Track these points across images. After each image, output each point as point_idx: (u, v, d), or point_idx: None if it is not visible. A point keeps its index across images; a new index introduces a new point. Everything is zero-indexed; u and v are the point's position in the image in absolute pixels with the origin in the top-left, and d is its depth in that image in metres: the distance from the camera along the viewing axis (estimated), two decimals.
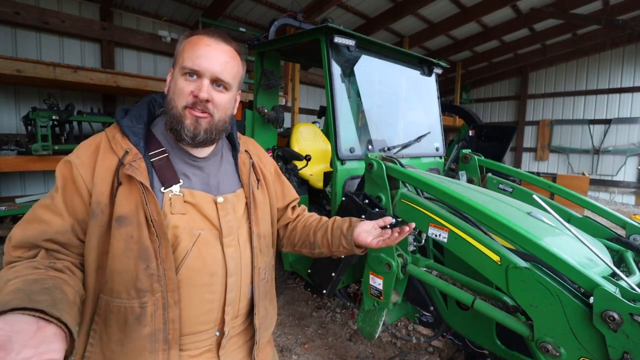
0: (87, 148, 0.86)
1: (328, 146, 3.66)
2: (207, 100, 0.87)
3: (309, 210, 1.32)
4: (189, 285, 0.87)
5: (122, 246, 0.80)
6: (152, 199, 0.82)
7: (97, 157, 0.84)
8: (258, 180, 1.06)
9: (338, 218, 1.16)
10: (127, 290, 0.81)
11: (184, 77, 0.86)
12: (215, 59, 0.87)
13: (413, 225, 1.01)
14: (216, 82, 0.88)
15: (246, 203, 1.00)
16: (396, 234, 0.98)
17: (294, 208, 1.25)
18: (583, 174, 10.05)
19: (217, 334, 0.93)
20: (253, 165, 1.06)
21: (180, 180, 0.88)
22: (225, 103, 0.91)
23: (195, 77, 0.86)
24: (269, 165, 1.15)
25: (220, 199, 0.93)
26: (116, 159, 0.83)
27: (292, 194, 1.23)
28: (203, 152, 0.96)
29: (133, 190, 0.82)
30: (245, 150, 1.07)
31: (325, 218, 1.21)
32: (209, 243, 0.89)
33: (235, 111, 0.99)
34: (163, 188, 0.86)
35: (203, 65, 0.85)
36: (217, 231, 0.92)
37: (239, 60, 0.94)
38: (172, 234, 0.85)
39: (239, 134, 1.10)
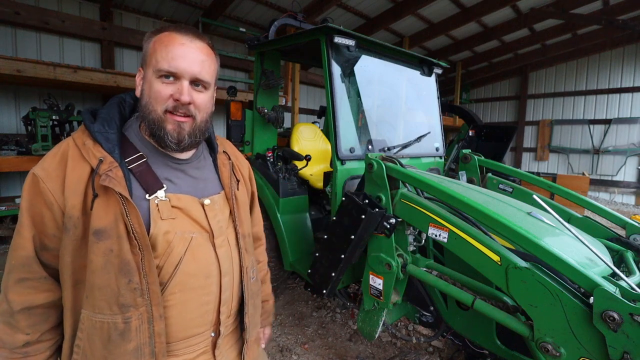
0: (53, 158, 0.81)
1: (328, 146, 3.66)
2: (189, 103, 0.84)
3: (309, 210, 1.32)
4: (184, 289, 0.86)
5: (102, 261, 0.77)
6: (133, 209, 0.78)
7: (65, 168, 0.79)
8: (238, 180, 1.05)
9: (265, 306, 1.28)
10: (110, 306, 0.78)
11: (160, 80, 0.82)
12: (193, 58, 0.83)
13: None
14: (195, 82, 0.85)
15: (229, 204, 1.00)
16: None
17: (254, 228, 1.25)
18: (583, 174, 10.04)
19: (213, 334, 0.94)
20: (233, 165, 1.05)
21: (164, 185, 0.85)
22: (205, 103, 0.89)
23: (172, 79, 0.83)
24: (244, 166, 1.14)
25: (207, 201, 0.92)
26: (88, 168, 0.79)
27: (257, 212, 1.25)
28: (185, 154, 0.93)
29: (111, 202, 0.77)
30: (224, 151, 1.06)
31: (262, 280, 1.27)
32: (201, 246, 0.89)
33: (213, 109, 0.96)
34: (148, 195, 0.82)
35: (181, 67, 0.82)
36: (208, 233, 0.91)
37: (214, 56, 0.91)
38: (165, 239, 0.83)
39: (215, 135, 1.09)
